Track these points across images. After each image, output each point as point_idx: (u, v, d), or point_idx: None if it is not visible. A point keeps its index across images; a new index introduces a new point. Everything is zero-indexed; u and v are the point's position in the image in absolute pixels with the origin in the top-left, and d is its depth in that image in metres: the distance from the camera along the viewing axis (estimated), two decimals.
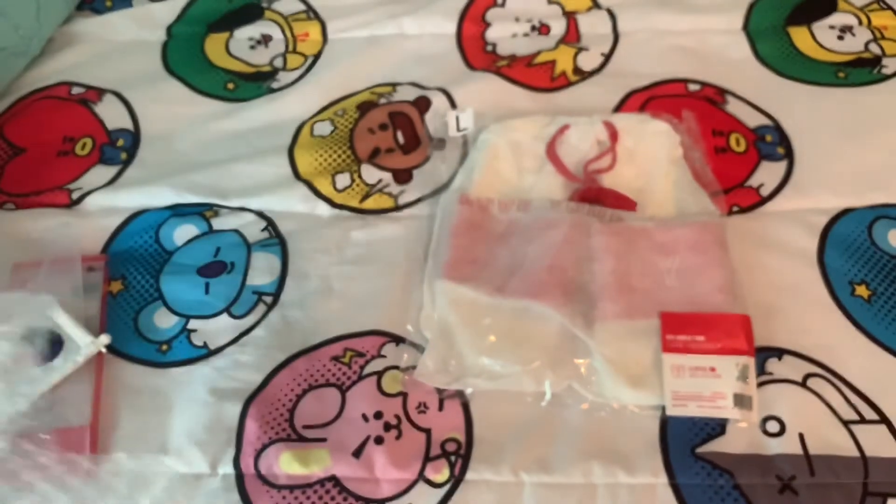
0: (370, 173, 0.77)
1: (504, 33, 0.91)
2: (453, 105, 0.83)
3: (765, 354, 0.63)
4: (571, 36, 0.90)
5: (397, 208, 0.75)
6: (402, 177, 0.78)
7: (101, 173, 0.79)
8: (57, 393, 0.62)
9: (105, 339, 0.64)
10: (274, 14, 0.95)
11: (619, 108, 0.82)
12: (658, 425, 0.60)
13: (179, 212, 0.75)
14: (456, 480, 0.58)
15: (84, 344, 0.63)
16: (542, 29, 0.91)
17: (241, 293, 0.69)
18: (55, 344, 0.63)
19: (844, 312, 0.65)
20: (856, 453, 0.58)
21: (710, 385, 0.59)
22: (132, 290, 0.70)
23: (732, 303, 0.63)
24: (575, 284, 0.65)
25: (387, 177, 0.77)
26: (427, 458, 0.59)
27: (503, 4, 0.94)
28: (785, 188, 0.74)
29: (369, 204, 0.75)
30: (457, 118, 0.79)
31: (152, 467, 0.60)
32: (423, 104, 0.83)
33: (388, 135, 0.81)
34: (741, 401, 0.59)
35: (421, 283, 0.68)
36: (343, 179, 0.77)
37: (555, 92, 0.85)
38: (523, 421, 0.61)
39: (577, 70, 0.86)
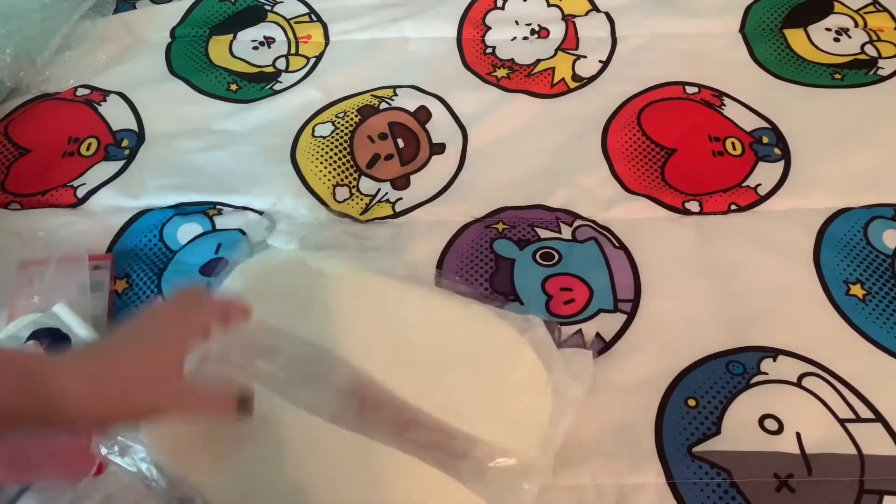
0: (368, 185, 0.78)
1: (504, 36, 0.92)
2: (453, 114, 0.84)
3: (760, 355, 0.63)
4: (570, 41, 0.91)
5: (395, 215, 0.76)
6: (400, 183, 0.78)
7: (105, 173, 0.80)
8: None
9: None
10: (276, 17, 0.96)
11: (616, 114, 0.83)
12: (653, 426, 0.60)
13: (183, 210, 0.76)
14: None
15: None
16: (542, 32, 0.92)
17: None
18: (62, 343, 0.63)
19: (839, 312, 0.66)
20: (852, 451, 0.58)
21: None
22: (136, 290, 0.70)
23: None
24: None
25: (385, 186, 0.78)
26: None
27: (503, 7, 0.95)
28: (781, 188, 0.75)
29: (369, 216, 0.76)
30: None
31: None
32: (423, 115, 0.84)
33: (387, 143, 0.81)
34: None
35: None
36: (342, 192, 0.78)
37: (554, 98, 0.85)
38: None
39: (575, 76, 0.87)
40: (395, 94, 0.86)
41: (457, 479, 0.54)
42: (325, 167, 0.79)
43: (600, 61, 0.89)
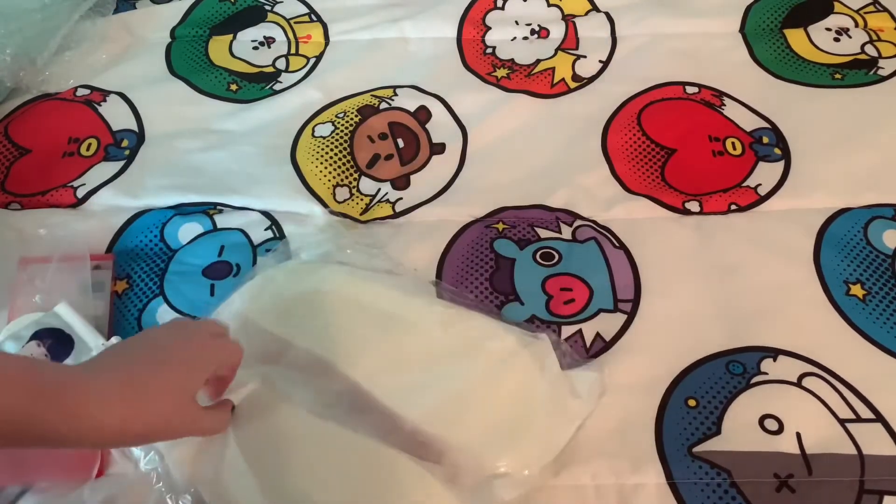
0: (368, 185, 0.78)
1: (504, 36, 0.92)
2: (453, 114, 0.84)
3: (760, 355, 0.63)
4: (570, 42, 0.91)
5: (395, 215, 0.76)
6: (400, 183, 0.78)
7: (105, 173, 0.80)
8: None
9: (116, 342, 0.63)
10: (276, 17, 0.96)
11: (616, 114, 0.83)
12: (653, 426, 0.60)
13: (183, 210, 0.76)
14: None
15: (95, 346, 0.63)
16: (542, 33, 0.92)
17: None
18: (64, 344, 0.63)
19: (839, 312, 0.66)
20: (853, 451, 0.58)
21: None
22: (137, 290, 0.70)
23: None
24: None
25: (385, 186, 0.78)
26: None
27: (503, 7, 0.95)
28: (782, 188, 0.75)
29: (369, 216, 0.76)
30: None
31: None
32: (423, 115, 0.84)
33: (387, 143, 0.81)
34: None
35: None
36: (342, 192, 0.78)
37: (554, 98, 0.85)
38: None
39: (575, 76, 0.87)
40: (395, 94, 0.86)
41: None
42: (325, 167, 0.79)
43: (600, 61, 0.89)
